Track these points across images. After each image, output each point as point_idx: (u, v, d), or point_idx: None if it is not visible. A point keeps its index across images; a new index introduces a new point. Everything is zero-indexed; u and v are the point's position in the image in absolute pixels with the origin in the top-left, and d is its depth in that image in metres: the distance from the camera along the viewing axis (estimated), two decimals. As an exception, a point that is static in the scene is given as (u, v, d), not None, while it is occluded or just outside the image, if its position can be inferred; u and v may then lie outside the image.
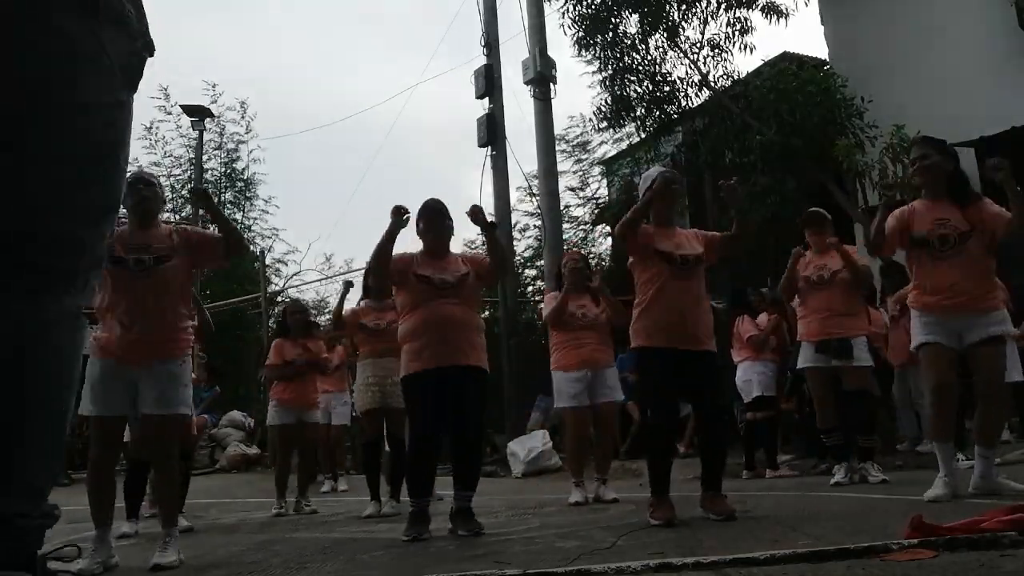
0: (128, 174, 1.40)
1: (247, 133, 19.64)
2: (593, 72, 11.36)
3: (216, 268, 3.76)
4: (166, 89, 18.64)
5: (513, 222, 12.32)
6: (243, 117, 19.53)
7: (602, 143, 15.97)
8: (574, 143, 16.83)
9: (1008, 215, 3.81)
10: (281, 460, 6.03)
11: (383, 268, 4.06)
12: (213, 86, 19.08)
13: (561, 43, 44.44)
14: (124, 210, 3.52)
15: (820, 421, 5.33)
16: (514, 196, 11.46)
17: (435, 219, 4.11)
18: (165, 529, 3.40)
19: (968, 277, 3.86)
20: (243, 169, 19.89)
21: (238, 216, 20.04)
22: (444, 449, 4.22)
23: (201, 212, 18.12)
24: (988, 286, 3.90)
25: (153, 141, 19.16)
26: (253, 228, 19.92)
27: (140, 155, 19.18)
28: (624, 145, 14.75)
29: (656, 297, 3.87)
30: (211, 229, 5.07)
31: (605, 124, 11.90)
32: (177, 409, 3.45)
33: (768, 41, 28.85)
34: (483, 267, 4.17)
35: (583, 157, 16.95)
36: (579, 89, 42.89)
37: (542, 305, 5.87)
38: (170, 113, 18.81)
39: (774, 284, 8.22)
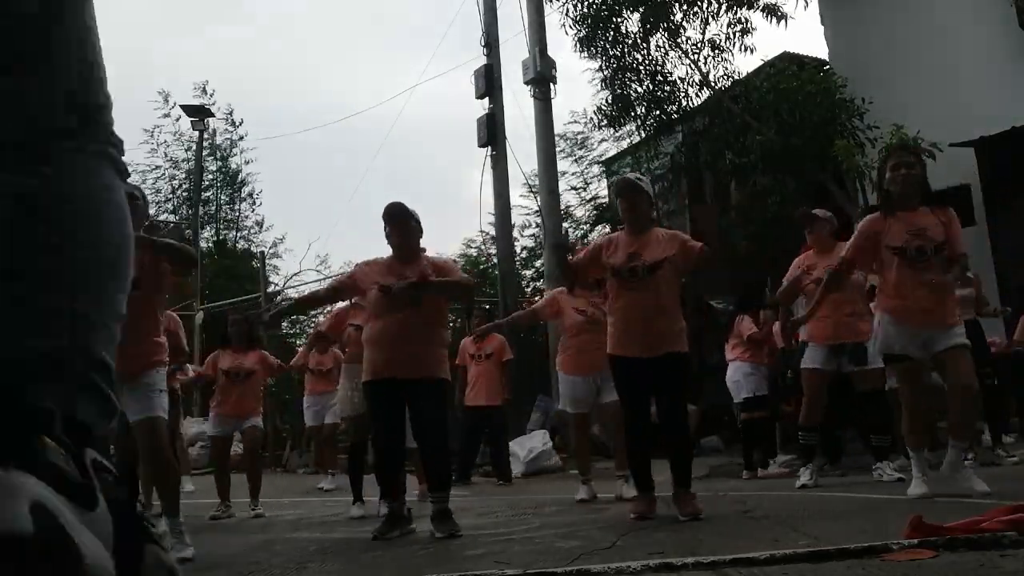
0: None
1: (239, 139, 19.81)
2: (595, 72, 11.39)
3: (176, 279, 3.83)
4: (166, 94, 18.73)
5: (513, 221, 12.29)
6: (229, 119, 19.69)
7: (603, 141, 15.99)
8: (572, 142, 16.83)
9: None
10: (218, 469, 5.99)
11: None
12: (204, 87, 19.17)
13: (562, 43, 44.48)
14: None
15: (805, 417, 5.19)
16: (514, 196, 11.45)
17: (400, 222, 4.06)
18: (172, 520, 3.44)
19: (938, 290, 3.94)
20: (237, 172, 20.04)
21: (234, 216, 20.11)
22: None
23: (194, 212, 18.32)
24: (952, 301, 4.05)
25: (155, 145, 19.25)
26: (246, 224, 20.07)
27: (143, 159, 19.30)
28: (625, 144, 14.75)
29: (614, 308, 4.02)
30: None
31: (606, 123, 11.90)
32: (156, 412, 3.56)
33: (768, 41, 28.90)
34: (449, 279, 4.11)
35: (583, 156, 16.96)
36: (579, 89, 42.92)
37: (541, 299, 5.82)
38: (167, 115, 18.87)
39: (774, 285, 8.20)
